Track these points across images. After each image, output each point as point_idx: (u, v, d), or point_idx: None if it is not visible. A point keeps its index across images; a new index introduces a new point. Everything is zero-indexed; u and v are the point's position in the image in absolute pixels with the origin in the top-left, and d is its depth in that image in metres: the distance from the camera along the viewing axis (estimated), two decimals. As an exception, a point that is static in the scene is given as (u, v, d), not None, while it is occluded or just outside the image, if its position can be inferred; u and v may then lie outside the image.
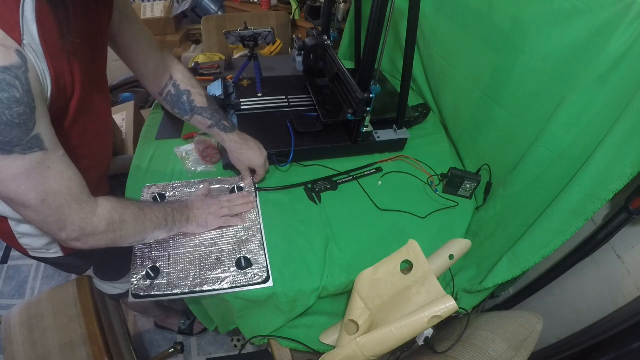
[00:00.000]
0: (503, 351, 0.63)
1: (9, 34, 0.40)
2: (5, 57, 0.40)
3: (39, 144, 0.45)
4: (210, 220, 0.77)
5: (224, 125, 0.81)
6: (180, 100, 0.78)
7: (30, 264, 1.66)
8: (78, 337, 0.90)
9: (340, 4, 1.90)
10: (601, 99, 0.61)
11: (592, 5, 0.61)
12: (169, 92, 0.78)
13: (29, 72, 0.42)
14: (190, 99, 0.78)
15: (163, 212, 0.67)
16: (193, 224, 0.74)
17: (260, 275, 0.73)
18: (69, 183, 0.50)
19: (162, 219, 0.66)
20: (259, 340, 0.80)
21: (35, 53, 0.43)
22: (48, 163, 0.47)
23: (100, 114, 0.66)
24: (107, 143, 0.74)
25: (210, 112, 0.80)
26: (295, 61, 1.08)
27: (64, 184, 0.50)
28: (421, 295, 0.66)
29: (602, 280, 0.76)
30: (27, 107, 0.43)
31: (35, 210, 0.49)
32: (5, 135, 0.42)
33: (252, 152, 0.83)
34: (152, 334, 1.44)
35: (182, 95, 0.78)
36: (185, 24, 2.49)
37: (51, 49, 0.45)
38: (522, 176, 0.77)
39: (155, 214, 0.65)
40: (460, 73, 0.98)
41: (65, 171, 0.50)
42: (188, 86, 0.79)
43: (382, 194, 0.92)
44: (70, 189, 0.51)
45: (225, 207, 0.79)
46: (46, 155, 0.47)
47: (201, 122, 0.81)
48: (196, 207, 0.76)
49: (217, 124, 0.81)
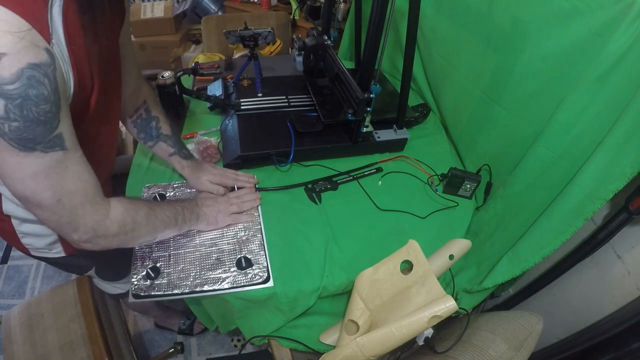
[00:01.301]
0: (503, 351, 0.64)
1: (39, 32, 0.40)
2: (35, 55, 0.40)
3: (60, 143, 0.46)
4: (220, 218, 0.78)
5: (183, 153, 0.83)
6: (149, 125, 0.80)
7: (30, 264, 1.66)
8: (78, 337, 0.90)
9: (340, 4, 1.91)
10: (601, 99, 0.61)
11: (592, 5, 0.61)
12: (140, 115, 0.79)
13: (56, 70, 0.42)
14: (158, 126, 0.80)
15: (173, 211, 0.68)
16: (203, 221, 0.75)
17: (260, 276, 0.73)
18: (85, 184, 0.51)
19: (172, 218, 0.67)
20: (259, 340, 0.80)
21: (61, 53, 0.44)
22: (67, 163, 0.47)
23: (113, 118, 0.67)
24: (114, 146, 0.75)
25: (173, 141, 0.82)
26: (295, 61, 1.08)
27: (80, 185, 0.50)
28: (421, 295, 0.66)
29: (602, 280, 0.76)
30: (54, 106, 0.43)
31: (50, 210, 0.49)
32: (30, 132, 0.42)
33: (203, 173, 0.85)
34: (152, 334, 1.44)
35: (152, 120, 0.80)
36: (185, 24, 2.49)
37: (75, 50, 0.46)
38: (522, 176, 0.77)
39: (165, 213, 0.65)
40: (461, 73, 0.98)
41: (82, 172, 0.50)
42: (158, 113, 0.81)
43: (382, 194, 0.92)
44: (86, 190, 0.51)
45: (234, 204, 0.81)
46: (66, 155, 0.47)
47: (164, 149, 0.82)
48: (205, 204, 0.77)
49: (178, 152, 0.83)
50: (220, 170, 0.88)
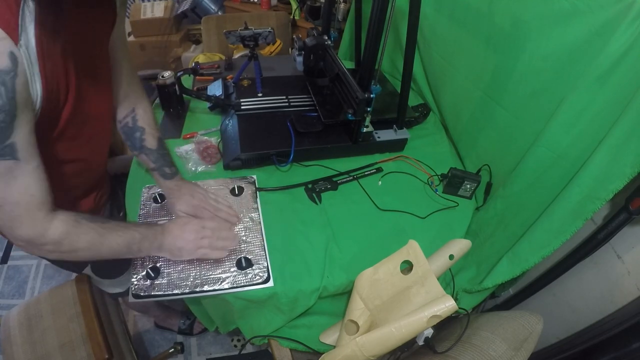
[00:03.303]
0: (503, 351, 0.63)
1: (5, 33, 0.39)
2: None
3: (11, 153, 0.45)
4: (185, 252, 0.70)
5: (164, 172, 0.79)
6: (134, 135, 0.78)
7: (30, 264, 1.66)
8: (77, 336, 0.90)
9: (340, 4, 1.91)
10: (601, 99, 0.61)
11: (592, 5, 0.61)
12: (127, 124, 0.78)
13: (17, 77, 0.41)
14: (141, 137, 0.78)
15: (128, 238, 0.63)
16: (165, 252, 0.70)
17: (260, 276, 0.73)
18: (30, 198, 0.49)
19: (124, 246, 0.63)
20: (259, 340, 0.80)
21: (29, 56, 0.43)
22: (16, 173, 0.46)
23: (98, 117, 0.66)
24: (104, 145, 0.74)
25: (156, 156, 0.79)
26: (296, 61, 1.08)
27: (25, 198, 0.49)
28: (421, 295, 0.66)
29: (602, 280, 0.76)
30: (7, 115, 0.42)
31: None
32: None
33: (178, 201, 0.79)
34: (152, 333, 1.44)
35: (136, 131, 0.78)
36: (185, 24, 2.48)
37: (46, 51, 0.45)
38: (522, 176, 0.77)
39: (117, 241, 0.62)
40: (461, 73, 0.98)
41: (31, 185, 0.49)
42: (144, 124, 0.78)
43: (382, 194, 0.92)
44: (29, 204, 0.50)
45: (205, 238, 0.72)
46: (16, 165, 0.46)
47: (146, 162, 0.80)
48: (172, 234, 0.70)
49: (158, 168, 0.79)
50: (200, 199, 0.79)
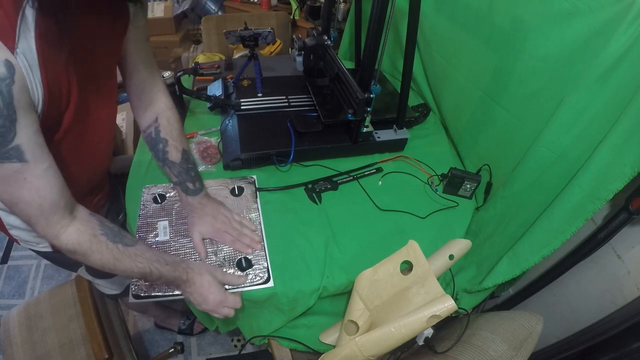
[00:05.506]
0: (503, 351, 0.64)
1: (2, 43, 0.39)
2: None
3: (18, 155, 0.45)
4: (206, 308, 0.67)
5: (186, 187, 0.76)
6: (157, 147, 0.76)
7: (30, 264, 1.66)
8: (77, 336, 0.90)
9: (340, 4, 1.91)
10: (601, 99, 0.61)
11: (592, 5, 0.61)
12: (150, 134, 0.76)
13: (14, 84, 0.41)
14: (164, 149, 0.74)
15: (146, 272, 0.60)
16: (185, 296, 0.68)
17: (260, 276, 0.73)
18: (42, 200, 0.50)
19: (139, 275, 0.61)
20: (259, 340, 0.80)
21: (28, 63, 0.43)
22: (25, 175, 0.47)
23: (101, 120, 0.66)
24: (107, 147, 0.74)
25: (179, 170, 0.75)
26: (295, 61, 1.08)
27: (37, 200, 0.49)
28: (421, 295, 0.66)
29: (602, 280, 0.76)
30: (7, 120, 0.42)
31: (9, 207, 0.50)
32: None
33: (200, 221, 0.77)
34: (152, 333, 1.44)
35: (159, 142, 0.75)
36: (185, 24, 2.49)
37: (48, 57, 0.45)
38: (522, 176, 0.77)
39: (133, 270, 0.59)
40: (461, 73, 0.98)
41: (43, 187, 0.49)
42: (167, 136, 0.75)
43: (382, 194, 0.92)
44: (42, 206, 0.50)
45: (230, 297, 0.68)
46: (25, 167, 0.46)
47: (169, 175, 0.77)
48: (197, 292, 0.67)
49: (180, 183, 0.76)
50: (223, 221, 0.77)
